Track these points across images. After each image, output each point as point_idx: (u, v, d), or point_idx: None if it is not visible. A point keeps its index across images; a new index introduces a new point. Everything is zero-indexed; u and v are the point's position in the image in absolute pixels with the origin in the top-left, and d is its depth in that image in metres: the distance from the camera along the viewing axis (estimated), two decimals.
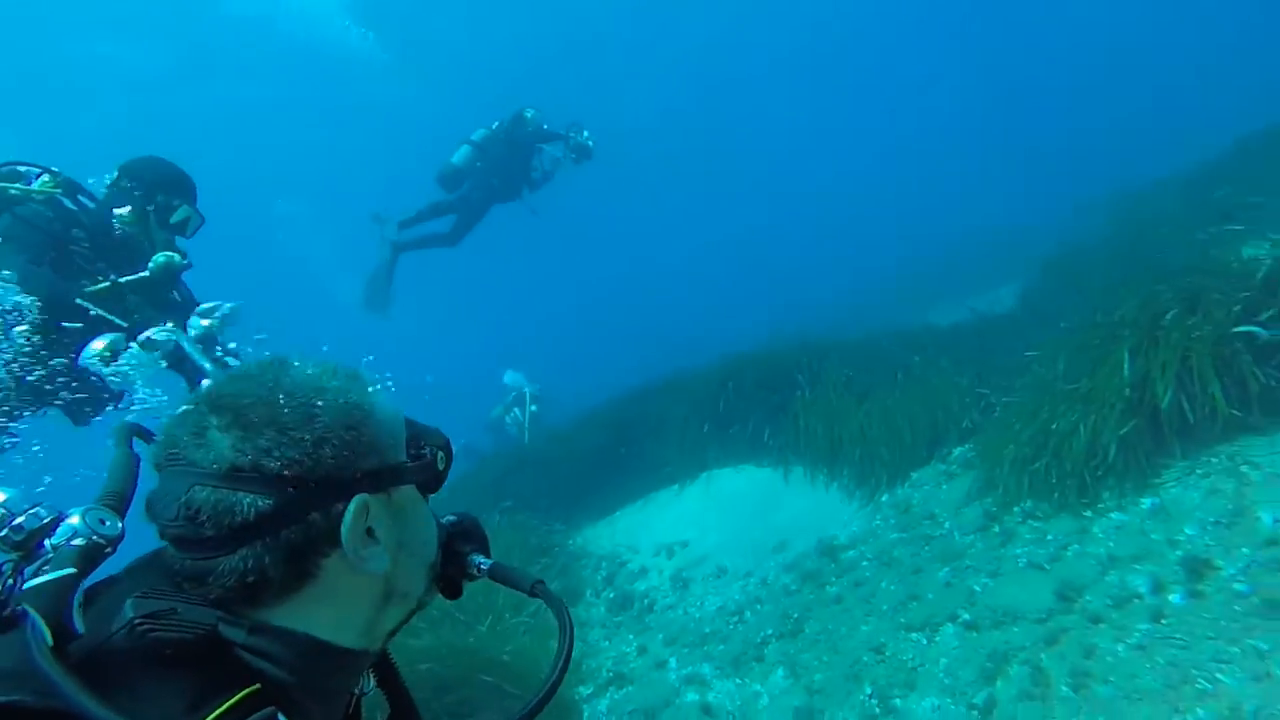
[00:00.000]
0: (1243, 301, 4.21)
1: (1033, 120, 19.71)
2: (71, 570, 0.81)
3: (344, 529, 0.87)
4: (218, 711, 0.75)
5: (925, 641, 4.15)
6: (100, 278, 3.53)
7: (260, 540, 0.83)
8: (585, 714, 4.71)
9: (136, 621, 0.76)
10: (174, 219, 3.77)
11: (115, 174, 3.76)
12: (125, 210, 3.65)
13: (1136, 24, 20.66)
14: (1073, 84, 20.17)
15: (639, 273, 23.67)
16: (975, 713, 3.55)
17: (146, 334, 3.21)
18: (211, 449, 0.84)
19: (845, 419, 6.70)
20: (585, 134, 9.74)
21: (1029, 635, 3.83)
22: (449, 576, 1.07)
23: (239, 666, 0.81)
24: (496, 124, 9.70)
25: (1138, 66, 19.06)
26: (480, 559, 1.08)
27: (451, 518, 1.10)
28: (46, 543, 0.91)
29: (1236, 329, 4.21)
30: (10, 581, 0.86)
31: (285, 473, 0.84)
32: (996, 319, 8.04)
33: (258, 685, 0.79)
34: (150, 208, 3.72)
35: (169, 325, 3.25)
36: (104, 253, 3.65)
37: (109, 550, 0.89)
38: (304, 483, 0.85)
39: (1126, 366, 4.64)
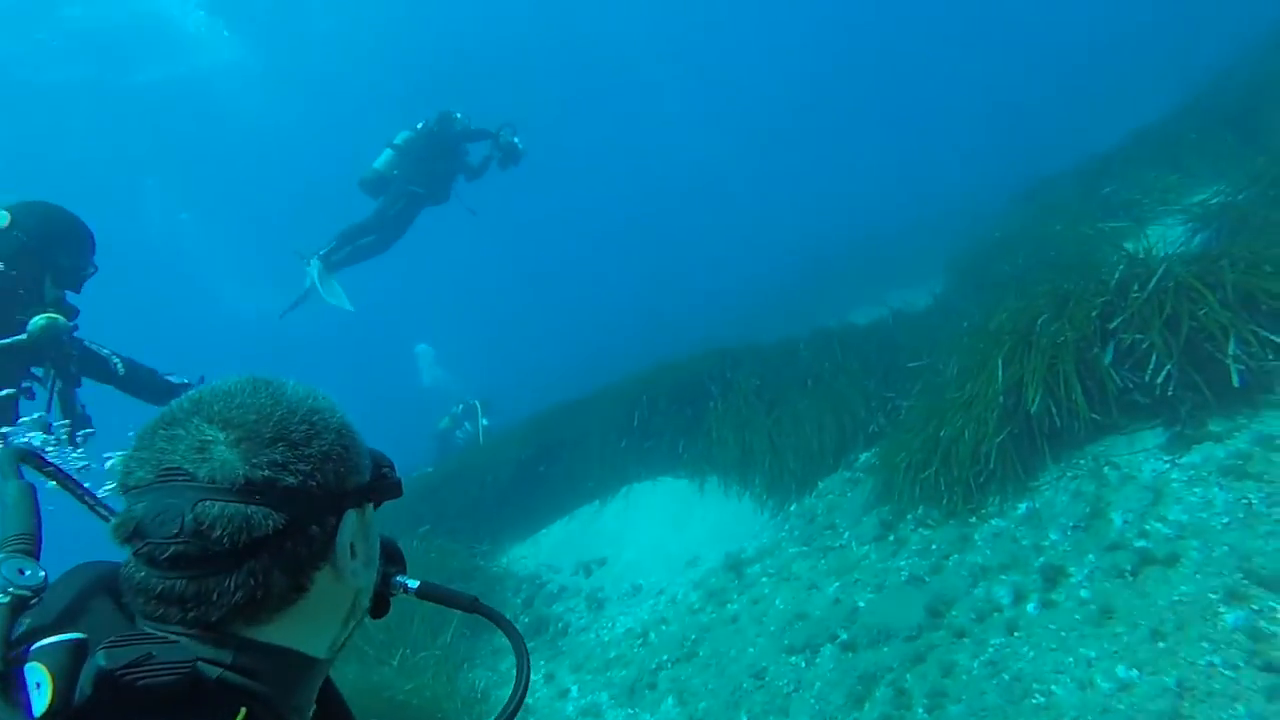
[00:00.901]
0: (1100, 306, 4.26)
1: (980, 99, 19.79)
2: (81, 635, 0.78)
3: (338, 543, 0.91)
4: None
5: (804, 664, 4.16)
6: None
7: (267, 554, 0.83)
8: None
9: (120, 673, 0.74)
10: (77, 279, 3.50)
11: (6, 219, 3.36)
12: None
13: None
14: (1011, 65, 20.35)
15: (563, 267, 23.53)
16: None
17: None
18: (221, 464, 0.82)
19: (755, 428, 6.71)
20: (516, 137, 9.21)
21: (898, 654, 3.85)
22: (379, 594, 1.09)
23: (224, 692, 0.81)
24: (421, 124, 9.14)
25: (1065, 44, 19.31)
26: (405, 579, 1.12)
27: None
28: None
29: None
30: None
31: (298, 487, 0.85)
32: (911, 318, 8.09)
33: (244, 710, 0.80)
34: (49, 271, 3.40)
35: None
36: None
37: (35, 601, 0.86)
38: (311, 497, 0.87)
39: (1000, 374, 4.68)
